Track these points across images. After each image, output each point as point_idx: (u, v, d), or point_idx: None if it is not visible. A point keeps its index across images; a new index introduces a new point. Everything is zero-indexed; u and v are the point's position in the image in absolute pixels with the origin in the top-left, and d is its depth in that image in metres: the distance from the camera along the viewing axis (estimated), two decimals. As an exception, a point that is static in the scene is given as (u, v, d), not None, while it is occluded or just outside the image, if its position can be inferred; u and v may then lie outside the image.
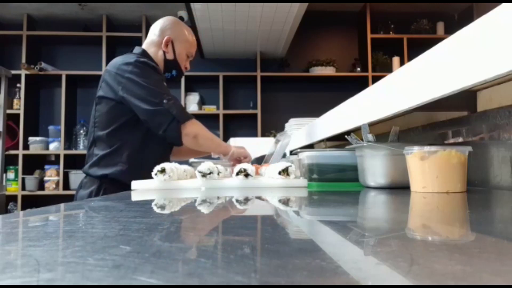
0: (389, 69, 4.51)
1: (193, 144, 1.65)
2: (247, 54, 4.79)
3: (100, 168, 1.59)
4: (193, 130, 1.62)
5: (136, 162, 1.61)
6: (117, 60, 1.67)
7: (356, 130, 1.14)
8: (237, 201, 0.79)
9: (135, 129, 1.63)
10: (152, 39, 1.77)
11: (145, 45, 1.79)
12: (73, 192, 1.86)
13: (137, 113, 1.59)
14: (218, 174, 1.12)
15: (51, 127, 4.40)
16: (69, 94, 4.50)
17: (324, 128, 1.59)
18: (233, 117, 4.69)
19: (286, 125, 2.53)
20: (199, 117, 4.55)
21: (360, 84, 4.56)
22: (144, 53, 1.74)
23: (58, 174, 4.30)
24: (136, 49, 1.76)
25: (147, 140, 1.64)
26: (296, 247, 0.34)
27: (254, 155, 2.36)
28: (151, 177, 1.12)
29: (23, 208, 4.20)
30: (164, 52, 1.75)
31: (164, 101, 1.57)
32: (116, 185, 1.54)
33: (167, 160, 1.22)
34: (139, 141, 1.64)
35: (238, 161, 1.69)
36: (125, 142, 1.62)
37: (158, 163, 1.11)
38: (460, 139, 1.00)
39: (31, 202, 4.27)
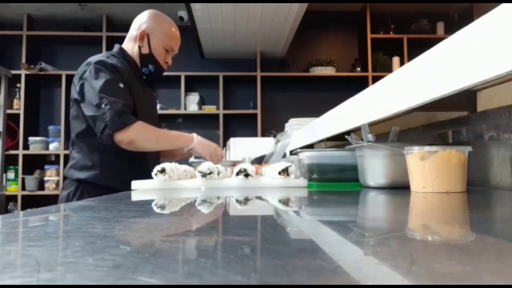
0: (389, 69, 4.51)
1: (135, 149, 1.51)
2: (247, 54, 4.79)
3: (76, 170, 1.57)
4: (126, 137, 1.46)
5: (110, 166, 1.55)
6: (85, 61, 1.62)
7: (356, 130, 1.14)
8: (237, 201, 0.79)
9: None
10: (131, 34, 1.72)
11: (125, 41, 1.74)
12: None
13: None
14: (218, 174, 1.12)
15: (51, 127, 4.40)
16: (69, 94, 4.47)
17: (324, 128, 1.59)
18: (233, 117, 4.69)
19: (286, 125, 2.52)
20: (199, 117, 4.65)
21: (360, 84, 4.55)
22: (119, 51, 1.69)
23: (58, 174, 4.30)
24: (114, 47, 1.72)
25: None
26: (296, 247, 0.34)
27: (254, 155, 2.36)
28: (128, 180, 1.09)
29: (23, 208, 4.20)
30: (140, 47, 1.68)
31: (102, 105, 1.45)
32: (94, 187, 1.52)
33: (145, 163, 1.08)
34: (108, 145, 1.50)
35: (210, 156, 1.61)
36: (95, 147, 1.55)
37: (135, 167, 1.07)
38: (460, 139, 1.00)
39: (31, 202, 4.27)
